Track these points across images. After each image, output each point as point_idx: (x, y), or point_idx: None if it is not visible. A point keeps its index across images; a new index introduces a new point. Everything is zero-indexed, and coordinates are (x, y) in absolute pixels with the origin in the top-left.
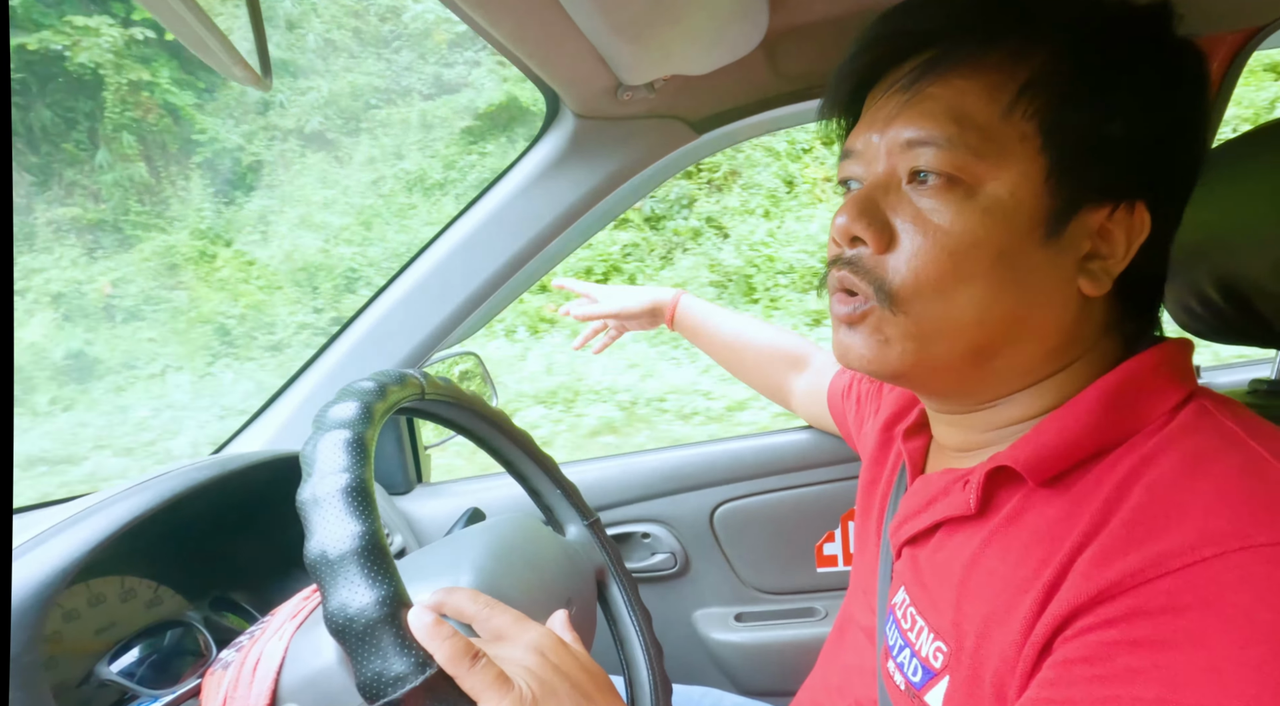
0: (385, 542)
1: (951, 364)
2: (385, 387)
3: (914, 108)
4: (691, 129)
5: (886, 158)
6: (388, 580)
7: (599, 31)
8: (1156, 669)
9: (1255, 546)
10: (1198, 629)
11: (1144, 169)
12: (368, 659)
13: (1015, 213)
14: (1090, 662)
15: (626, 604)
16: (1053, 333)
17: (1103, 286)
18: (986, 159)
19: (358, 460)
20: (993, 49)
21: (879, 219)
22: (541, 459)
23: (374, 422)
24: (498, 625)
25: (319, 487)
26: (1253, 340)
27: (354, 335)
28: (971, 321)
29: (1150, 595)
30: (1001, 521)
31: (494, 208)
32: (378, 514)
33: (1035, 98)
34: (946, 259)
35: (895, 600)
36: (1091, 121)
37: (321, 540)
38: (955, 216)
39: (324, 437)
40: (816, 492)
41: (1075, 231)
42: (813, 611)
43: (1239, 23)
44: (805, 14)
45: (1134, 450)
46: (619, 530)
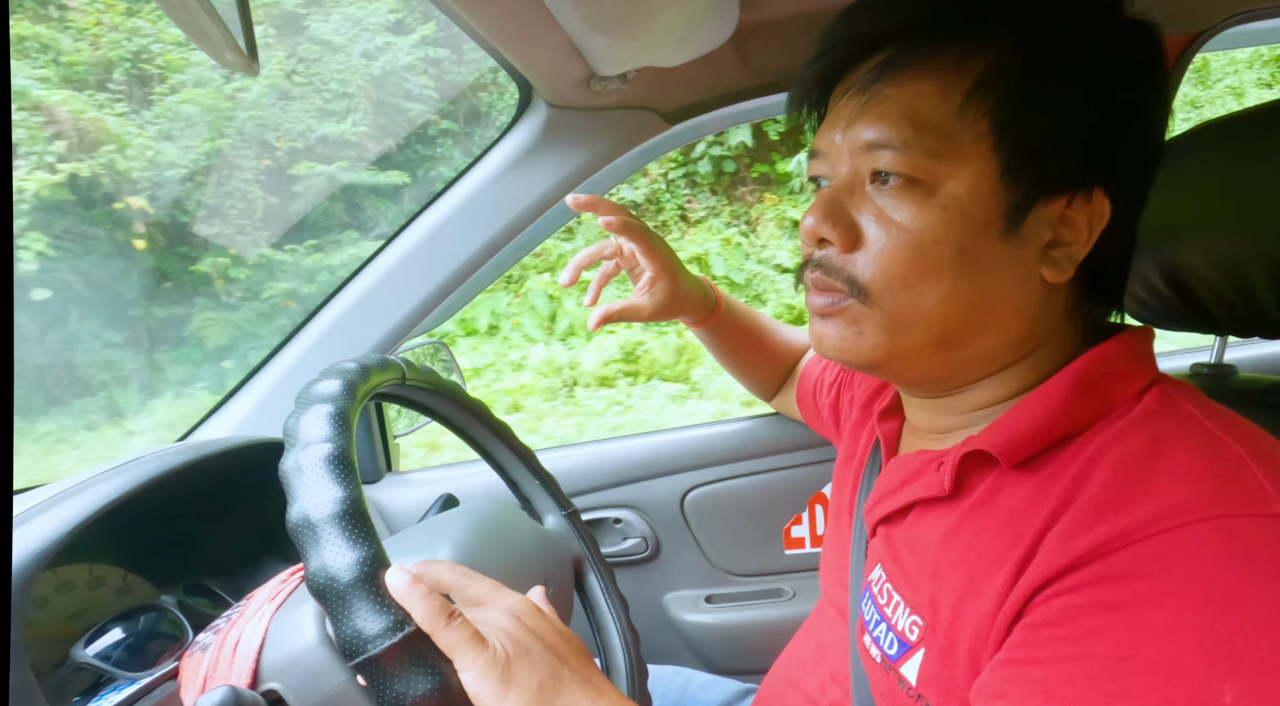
0: (366, 508)
1: (922, 353)
2: (368, 370)
3: (871, 110)
4: (663, 120)
5: (849, 158)
6: (367, 542)
7: (576, 24)
8: (1116, 629)
9: (1212, 518)
10: (1156, 592)
11: (1097, 157)
12: (347, 618)
13: (973, 210)
14: (1055, 624)
15: (604, 592)
16: (1017, 320)
17: (1065, 273)
18: (943, 159)
19: (340, 432)
20: (942, 49)
21: (844, 219)
22: (520, 449)
23: (356, 401)
24: (475, 592)
25: (302, 456)
26: (1194, 326)
27: (322, 323)
28: (939, 314)
29: (1114, 563)
30: (975, 501)
31: (465, 196)
32: (359, 482)
33: (985, 96)
34: (910, 256)
35: (871, 577)
36: (1040, 116)
37: (304, 505)
38: (916, 215)
39: (308, 411)
40: (784, 477)
41: (1034, 222)
42: (780, 592)
43: (1181, 27)
44: (774, 9)
45: (1101, 432)
46: (591, 516)
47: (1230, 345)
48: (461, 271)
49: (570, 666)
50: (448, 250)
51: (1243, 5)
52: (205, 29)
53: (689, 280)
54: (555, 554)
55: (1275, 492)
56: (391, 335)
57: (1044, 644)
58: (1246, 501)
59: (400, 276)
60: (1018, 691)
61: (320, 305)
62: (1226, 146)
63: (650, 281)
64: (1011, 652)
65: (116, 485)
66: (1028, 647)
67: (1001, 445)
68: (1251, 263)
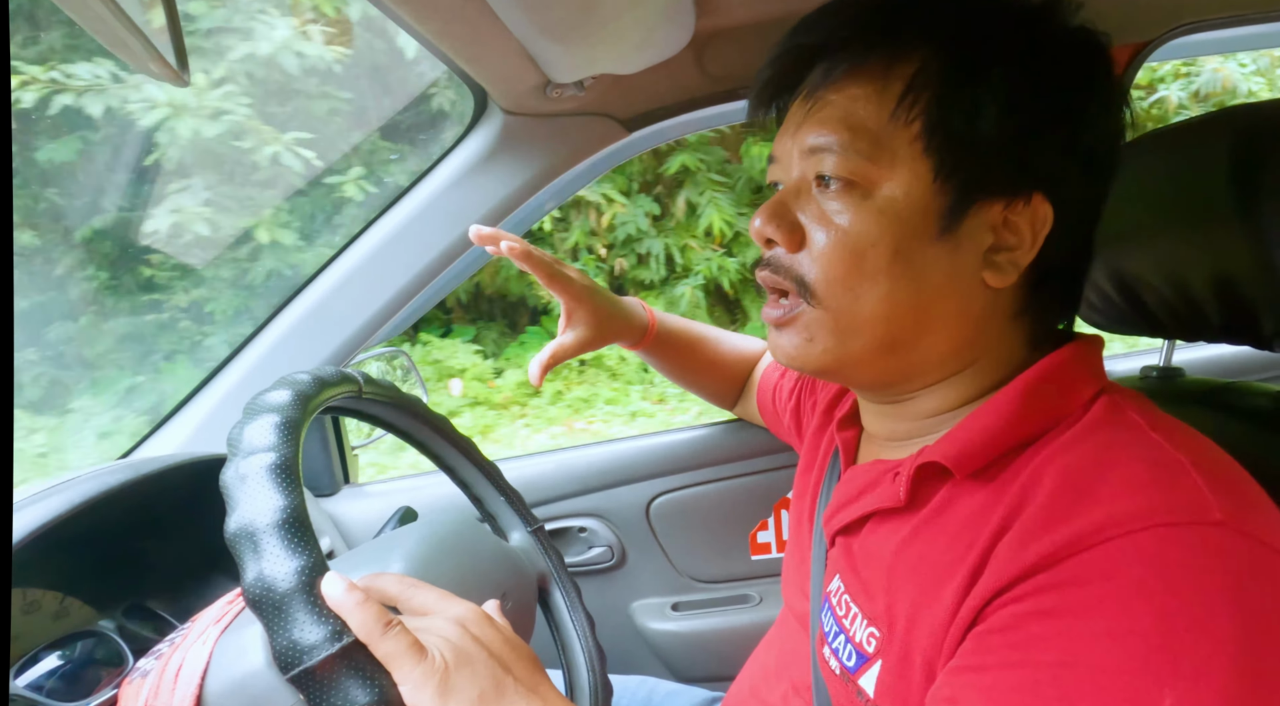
0: (308, 518)
1: (869, 357)
2: (321, 382)
3: (814, 116)
4: (622, 126)
5: (798, 163)
6: (307, 551)
7: (526, 31)
8: (1059, 636)
9: (1153, 526)
10: (1096, 599)
11: (1026, 162)
12: (283, 629)
13: (909, 212)
14: (1003, 632)
15: (569, 608)
16: (959, 324)
17: (1008, 278)
18: (879, 162)
19: (286, 441)
20: (874, 55)
21: (789, 220)
22: (484, 464)
23: (306, 412)
24: (422, 602)
25: (244, 465)
26: (1142, 330)
27: (273, 334)
28: (880, 316)
29: (1060, 571)
30: (929, 512)
31: (420, 203)
32: (302, 493)
33: (916, 101)
34: (848, 256)
35: (830, 588)
36: (967, 122)
37: (244, 514)
38: (854, 217)
39: (254, 420)
40: (749, 483)
41: (973, 226)
42: (747, 598)
43: (1126, 38)
44: (730, 17)
45: (1051, 442)
46: (555, 525)
47: (1179, 347)
48: (419, 279)
49: (515, 676)
50: (404, 258)
51: (1184, 18)
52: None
53: (612, 305)
54: (516, 569)
55: (1215, 500)
56: (347, 345)
57: (992, 651)
58: (1187, 509)
59: (355, 285)
60: (967, 699)
61: (272, 314)
62: (1168, 155)
63: (567, 314)
64: (962, 660)
65: (53, 505)
66: (977, 655)
67: (955, 456)
68: (1194, 269)
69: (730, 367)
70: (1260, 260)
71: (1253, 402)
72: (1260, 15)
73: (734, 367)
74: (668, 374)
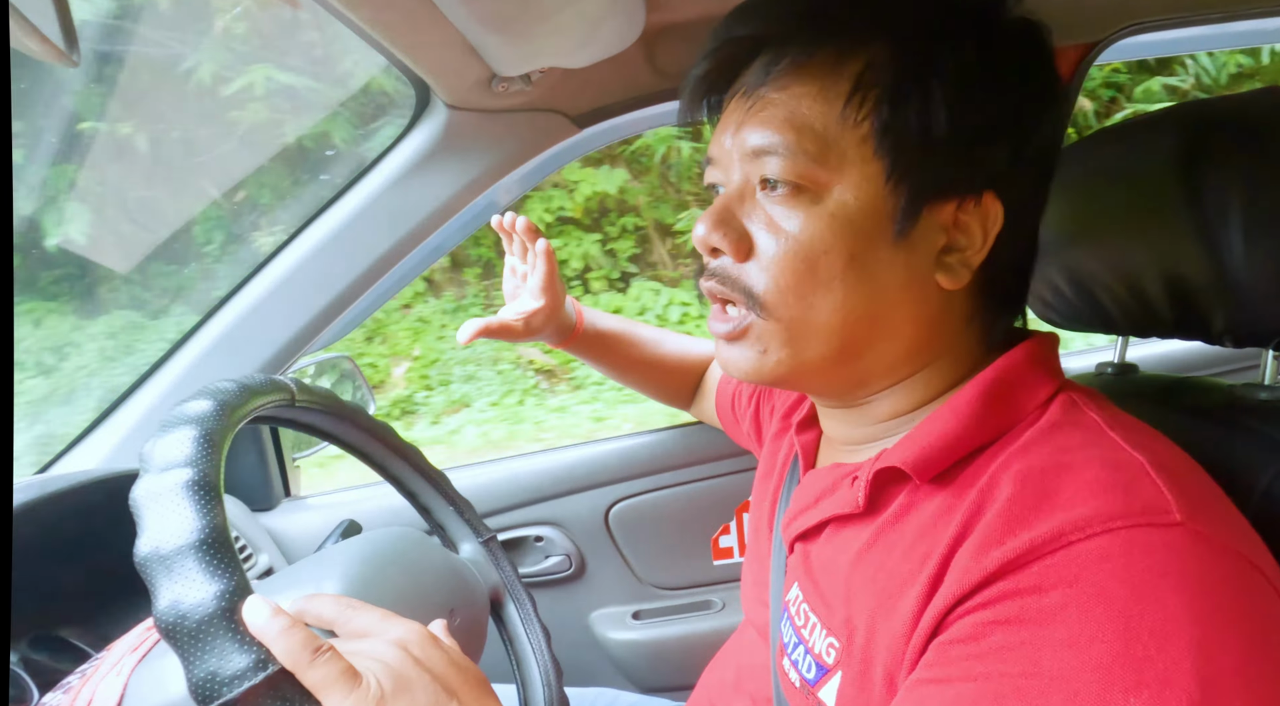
0: (230, 539)
1: (823, 366)
2: (248, 390)
3: (755, 115)
4: (572, 123)
5: (740, 165)
6: (227, 573)
7: (466, 21)
8: (1022, 645)
9: (1113, 529)
10: (1058, 606)
11: (979, 161)
12: (200, 658)
13: (862, 215)
14: (966, 642)
15: (524, 622)
16: (913, 328)
17: (961, 279)
18: (828, 165)
19: (205, 456)
20: (819, 50)
21: (735, 228)
22: (431, 473)
23: (230, 424)
24: (361, 624)
25: (156, 483)
26: (1096, 327)
27: (204, 340)
28: (835, 323)
29: (1021, 578)
30: (889, 518)
31: (362, 202)
32: (223, 511)
33: (865, 100)
34: (801, 265)
35: (789, 597)
36: (917, 119)
37: (155, 535)
38: (804, 223)
39: (169, 434)
40: (710, 486)
41: (925, 227)
42: (710, 604)
43: (1076, 38)
44: (681, 12)
45: (1009, 444)
46: (509, 535)
47: (1133, 344)
48: (362, 281)
49: (461, 699)
50: (344, 259)
51: (1133, 17)
52: None
53: (562, 301)
54: (465, 584)
55: (1174, 500)
56: (285, 351)
57: (954, 662)
58: (1146, 511)
59: (292, 288)
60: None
61: (202, 319)
62: (1119, 152)
63: (536, 311)
64: (924, 672)
65: None
66: (940, 666)
67: (914, 461)
68: (1146, 266)
69: (674, 369)
70: (1208, 257)
71: (1205, 398)
72: (1206, 17)
73: (679, 369)
74: (603, 372)
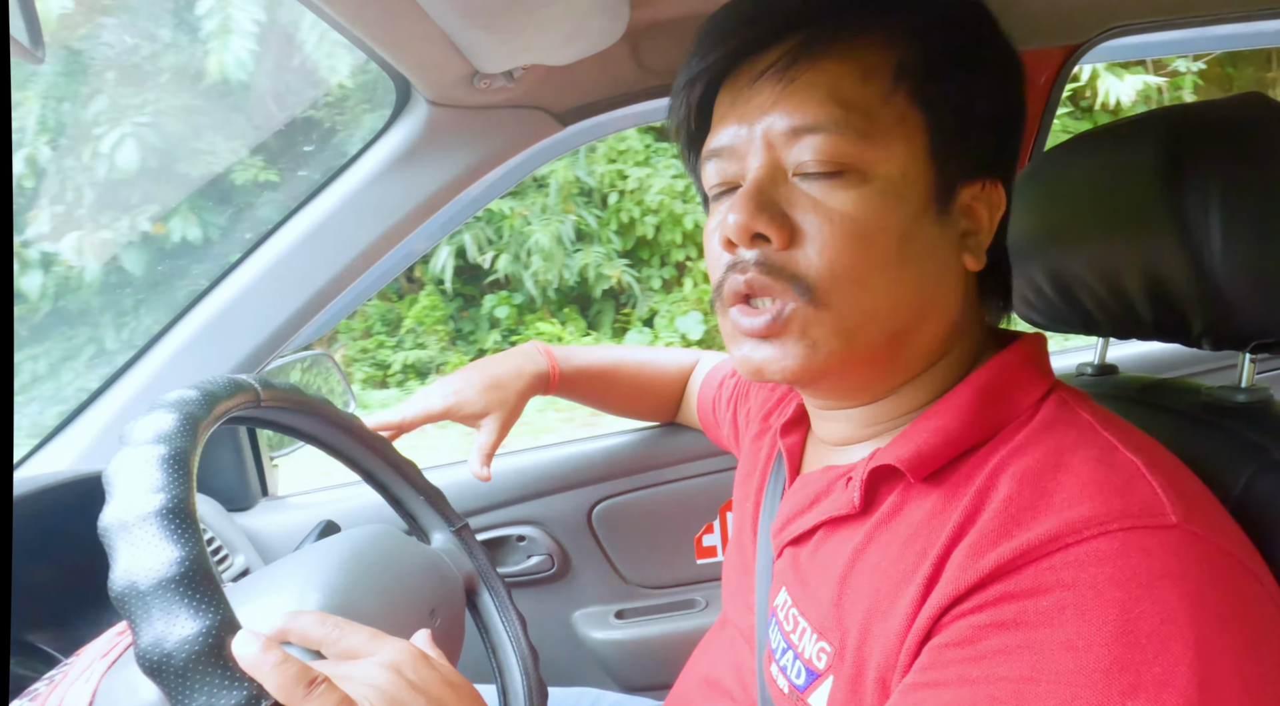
0: (212, 569)
1: (874, 354)
2: (212, 397)
3: (794, 95)
4: (556, 120)
5: (766, 151)
6: (214, 608)
7: (448, 17)
8: (1021, 648)
9: (1109, 532)
10: (1057, 609)
11: (1003, 146)
12: (189, 698)
13: (909, 192)
14: (961, 646)
15: (499, 609)
16: (950, 308)
17: (980, 261)
18: (874, 141)
19: (175, 478)
20: (864, 32)
21: (779, 212)
22: (400, 463)
23: (196, 436)
24: (350, 645)
25: (126, 511)
26: (1078, 328)
27: (179, 338)
28: (888, 306)
29: (1018, 580)
30: (882, 517)
31: (341, 198)
32: (201, 538)
33: (911, 78)
34: (857, 246)
35: (777, 602)
36: (963, 98)
37: (130, 569)
38: (857, 203)
39: (133, 454)
40: (694, 485)
41: (955, 207)
42: (693, 602)
43: (1060, 40)
44: (666, 9)
45: (1003, 444)
46: (491, 534)
47: (1113, 344)
48: (340, 279)
49: None
50: (323, 257)
51: (1114, 20)
52: None
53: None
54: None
55: (1170, 502)
56: (262, 349)
57: (949, 665)
58: (1142, 513)
59: (269, 285)
60: None
61: (177, 317)
62: (1100, 156)
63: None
64: (918, 676)
65: None
66: (934, 669)
67: (910, 460)
68: (1127, 269)
69: (659, 390)
70: (1188, 261)
71: (1184, 400)
72: (1188, 20)
73: (663, 390)
74: (590, 407)
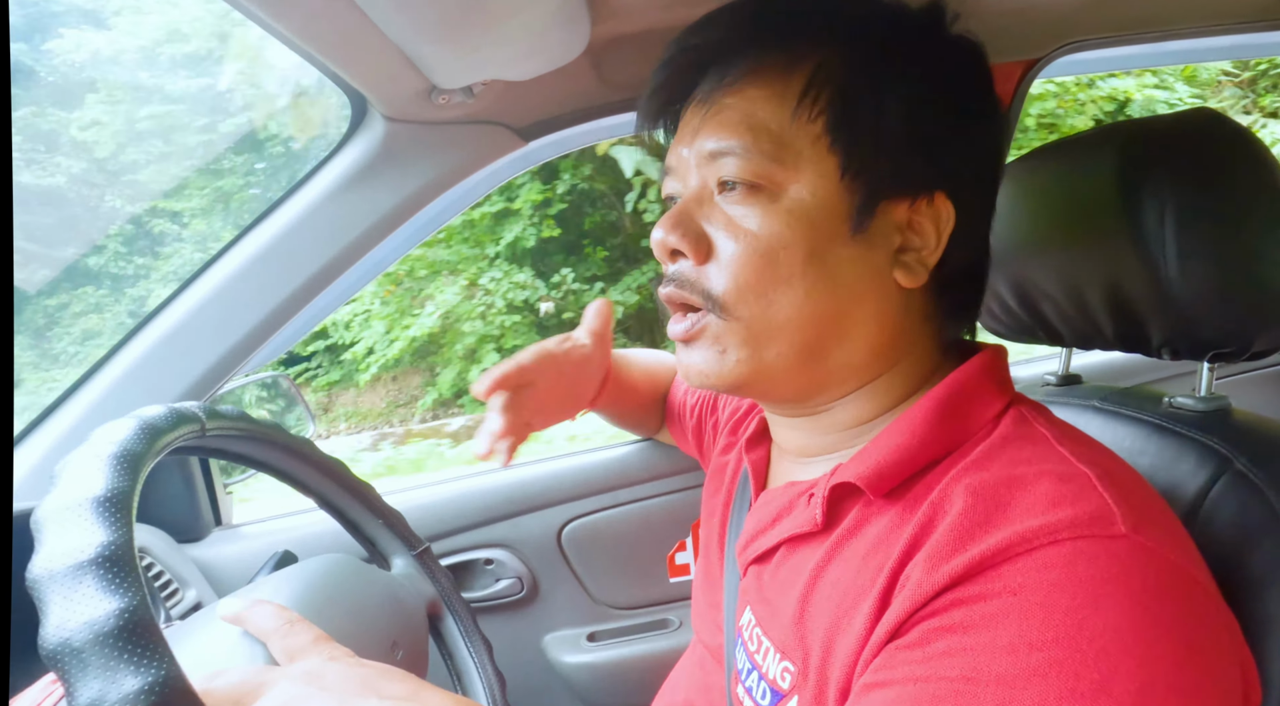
0: (152, 619)
1: (786, 367)
2: (152, 429)
3: (712, 119)
4: (517, 136)
5: (697, 170)
6: (156, 663)
7: (402, 33)
8: (964, 650)
9: (1059, 541)
10: (1001, 614)
11: (931, 160)
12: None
13: (819, 212)
14: (911, 648)
15: (464, 635)
16: (876, 327)
17: (919, 278)
18: (784, 163)
19: (112, 523)
20: (771, 56)
21: (694, 230)
22: (356, 486)
23: (136, 475)
24: (295, 643)
25: (56, 560)
26: (1042, 339)
27: (125, 362)
28: (796, 321)
29: (969, 588)
30: (843, 534)
31: (295, 216)
32: (142, 586)
33: (817, 100)
34: (761, 262)
35: (742, 622)
36: (871, 117)
37: (62, 623)
38: (763, 221)
39: (64, 496)
40: (665, 503)
41: (881, 225)
42: (667, 622)
43: (1019, 54)
44: (628, 24)
45: (961, 459)
46: (457, 559)
47: (1076, 353)
48: (296, 299)
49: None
50: (278, 276)
51: (1071, 36)
52: None
53: None
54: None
55: (1120, 513)
56: (214, 372)
57: (898, 666)
58: (1092, 523)
59: (220, 307)
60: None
61: (123, 340)
62: (1059, 169)
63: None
64: (871, 676)
65: None
66: (884, 670)
67: (869, 476)
68: (1088, 281)
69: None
70: (1145, 273)
71: (1147, 408)
72: (1140, 36)
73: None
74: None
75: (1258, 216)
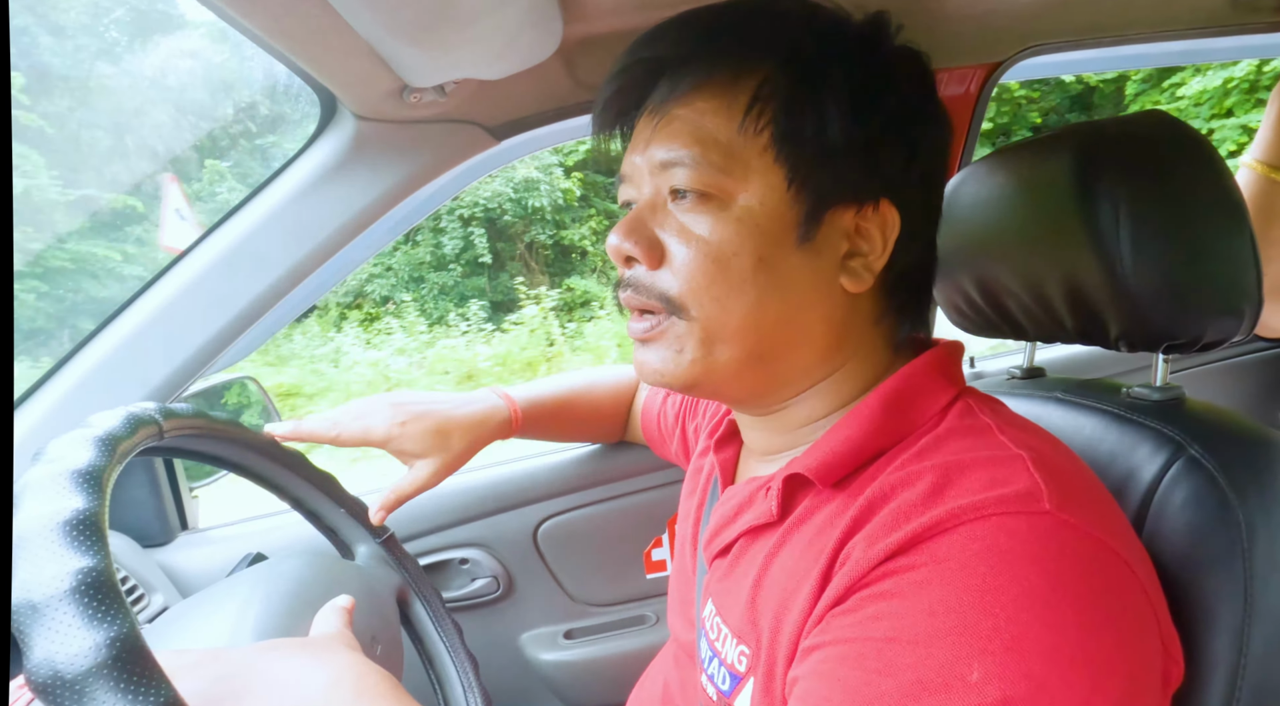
0: (143, 642)
1: (736, 369)
2: (111, 439)
3: (663, 130)
4: (489, 135)
5: (650, 178)
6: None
7: (373, 31)
8: (890, 614)
9: (985, 516)
10: (925, 581)
11: (874, 169)
12: None
13: (767, 221)
14: (845, 614)
15: (433, 619)
16: (824, 331)
17: (864, 283)
18: (732, 174)
19: (87, 547)
20: (719, 69)
21: (646, 236)
22: (317, 477)
23: (102, 489)
24: None
25: (36, 590)
26: (1007, 334)
27: (85, 363)
28: (748, 326)
29: (900, 559)
30: (793, 522)
31: (263, 215)
32: (127, 608)
33: (763, 111)
34: (712, 267)
35: (704, 613)
36: (814, 129)
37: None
38: (714, 228)
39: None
40: (640, 500)
41: (829, 232)
42: (644, 618)
43: (982, 58)
44: (600, 24)
45: (906, 449)
46: (432, 559)
47: (1041, 347)
48: (265, 298)
49: None
50: (245, 276)
51: (1032, 40)
52: None
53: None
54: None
55: (1048, 492)
56: (180, 374)
57: (831, 630)
58: (1018, 500)
59: (187, 306)
60: (806, 671)
61: (84, 341)
62: (1019, 170)
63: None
64: (808, 641)
65: None
66: (820, 634)
67: (817, 468)
68: (1049, 278)
69: (610, 412)
70: (1102, 268)
71: (1107, 398)
72: (1098, 40)
73: (613, 411)
74: (547, 440)
75: (1206, 214)
